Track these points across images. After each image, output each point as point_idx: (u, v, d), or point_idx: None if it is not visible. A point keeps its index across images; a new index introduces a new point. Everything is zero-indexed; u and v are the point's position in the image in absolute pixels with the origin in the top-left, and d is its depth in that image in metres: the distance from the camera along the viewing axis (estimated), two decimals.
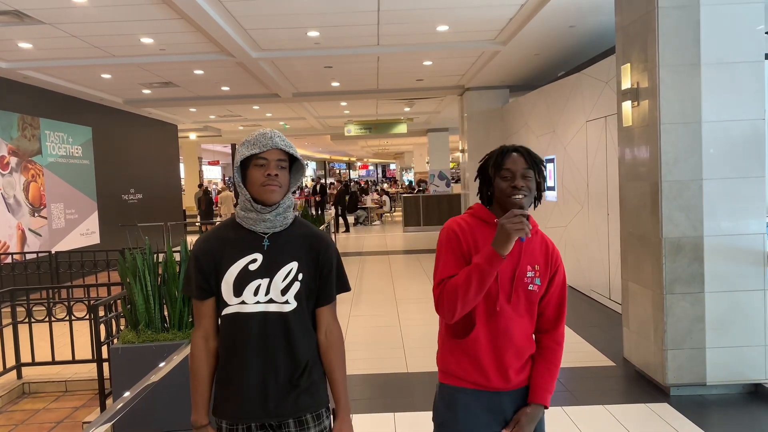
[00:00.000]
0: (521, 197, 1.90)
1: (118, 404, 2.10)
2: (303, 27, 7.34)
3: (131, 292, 4.11)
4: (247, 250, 1.85)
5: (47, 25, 6.75)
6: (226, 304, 1.85)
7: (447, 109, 15.83)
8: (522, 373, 2.02)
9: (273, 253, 1.86)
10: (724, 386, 4.35)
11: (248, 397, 1.84)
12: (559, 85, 8.77)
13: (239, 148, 1.86)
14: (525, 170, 1.92)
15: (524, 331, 2.00)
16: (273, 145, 1.82)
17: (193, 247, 1.93)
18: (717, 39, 4.22)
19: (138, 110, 13.61)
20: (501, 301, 1.95)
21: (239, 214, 1.88)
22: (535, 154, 1.98)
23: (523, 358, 2.01)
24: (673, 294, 4.29)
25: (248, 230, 1.87)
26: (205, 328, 1.89)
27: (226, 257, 1.85)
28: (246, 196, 1.84)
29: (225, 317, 1.86)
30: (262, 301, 1.84)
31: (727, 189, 4.26)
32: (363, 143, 27.90)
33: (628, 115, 4.72)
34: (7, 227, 8.99)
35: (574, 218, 8.16)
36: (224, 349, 1.87)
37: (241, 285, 1.83)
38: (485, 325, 1.96)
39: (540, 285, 1.99)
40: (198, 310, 1.91)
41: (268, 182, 1.81)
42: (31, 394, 5.04)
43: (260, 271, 1.84)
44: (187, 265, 1.93)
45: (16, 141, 9.33)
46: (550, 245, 2.05)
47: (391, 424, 4.03)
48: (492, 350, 1.97)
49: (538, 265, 1.98)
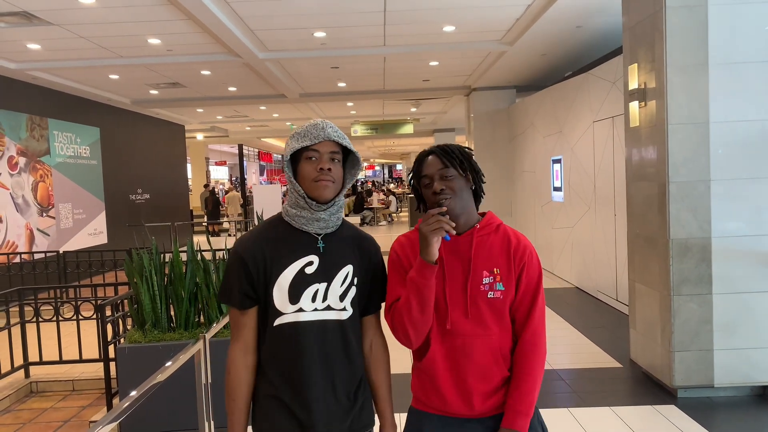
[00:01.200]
0: (445, 200, 1.72)
1: (124, 403, 2.10)
2: (309, 27, 7.35)
3: (138, 292, 4.13)
4: (301, 252, 1.68)
5: (55, 25, 6.79)
6: (279, 313, 1.66)
7: (453, 109, 15.82)
8: (492, 398, 1.75)
9: (329, 255, 1.70)
10: (732, 388, 4.32)
11: (308, 415, 1.66)
12: (565, 86, 8.74)
13: (289, 141, 1.69)
14: (442, 170, 1.74)
15: (490, 349, 1.74)
16: (325, 136, 1.66)
17: (235, 249, 1.70)
18: (725, 39, 4.20)
19: (145, 111, 13.67)
20: (453, 317, 1.73)
21: (289, 212, 1.71)
22: (456, 149, 1.79)
23: (492, 381, 1.74)
24: (680, 295, 4.27)
25: (299, 230, 1.70)
26: (246, 341, 1.69)
27: (278, 260, 1.66)
28: (299, 192, 1.66)
29: (278, 327, 1.67)
30: (319, 308, 1.68)
31: (735, 190, 4.23)
32: (369, 143, 27.92)
33: (636, 116, 4.70)
34: (15, 227, 9.04)
35: (581, 219, 8.14)
36: (277, 363, 1.67)
37: (297, 290, 1.66)
38: (440, 345, 1.76)
39: (504, 290, 1.74)
40: (237, 320, 1.69)
41: (321, 177, 1.65)
42: (39, 393, 5.07)
43: (317, 275, 1.68)
44: (227, 270, 1.70)
45: (24, 141, 9.38)
46: (514, 240, 1.79)
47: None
48: (450, 372, 1.75)
49: (497, 268, 1.75)
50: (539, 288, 1.79)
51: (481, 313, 1.73)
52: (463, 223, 1.78)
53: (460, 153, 1.78)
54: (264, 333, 1.69)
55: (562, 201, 8.89)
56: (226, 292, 1.71)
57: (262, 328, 1.70)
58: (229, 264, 1.70)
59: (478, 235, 1.78)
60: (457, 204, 1.74)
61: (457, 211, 1.75)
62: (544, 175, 9.72)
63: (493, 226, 1.81)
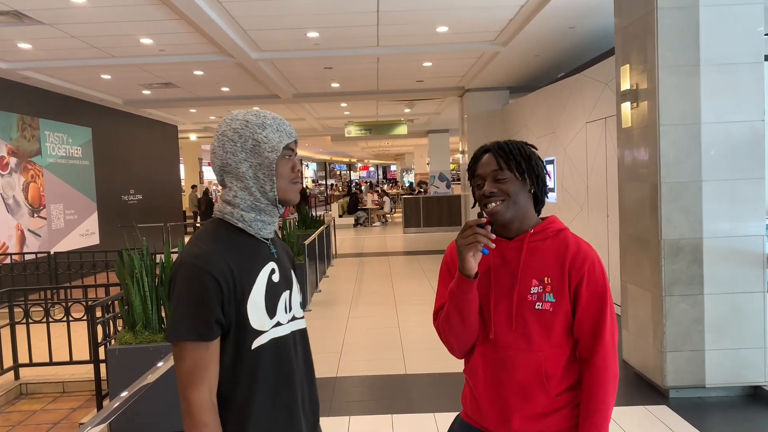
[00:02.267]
0: (494, 205, 1.60)
1: (114, 404, 2.09)
2: (302, 28, 7.34)
3: (128, 293, 4.10)
4: (262, 260, 1.49)
5: (46, 25, 6.75)
6: (257, 333, 1.42)
7: (447, 110, 15.83)
8: (536, 424, 1.59)
9: (280, 260, 1.55)
10: (724, 389, 4.33)
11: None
12: (559, 87, 8.76)
13: (260, 132, 1.46)
14: (496, 172, 1.62)
15: (535, 367, 1.58)
16: (295, 134, 1.53)
17: (196, 265, 1.37)
18: (716, 40, 4.21)
19: (138, 111, 13.61)
20: (497, 327, 1.62)
21: (245, 217, 1.47)
22: (515, 148, 1.66)
23: (534, 404, 1.58)
24: (672, 296, 4.28)
25: (252, 237, 1.49)
26: (212, 380, 1.38)
27: (245, 272, 1.43)
28: (271, 194, 1.47)
29: (259, 349, 1.43)
30: (289, 319, 1.52)
31: (726, 190, 4.24)
32: (363, 144, 27.91)
33: (627, 117, 4.71)
34: (6, 228, 8.98)
35: (574, 220, 8.15)
36: (262, 392, 1.43)
37: (273, 303, 1.47)
38: (482, 355, 1.66)
39: (555, 302, 1.58)
40: (203, 356, 1.36)
41: (298, 179, 1.52)
42: (29, 395, 5.03)
43: (281, 282, 1.52)
44: (189, 296, 1.36)
45: (15, 141, 9.32)
46: (574, 248, 1.62)
47: (389, 425, 4.02)
48: (489, 384, 1.64)
49: (548, 277, 1.59)
50: (605, 304, 1.59)
51: (527, 325, 1.59)
52: (517, 227, 1.66)
53: (519, 153, 1.65)
54: (237, 362, 1.41)
55: (555, 202, 8.90)
56: (190, 325, 1.35)
57: (233, 358, 1.42)
58: (191, 287, 1.36)
59: (530, 241, 1.64)
60: (509, 210, 1.61)
61: (509, 217, 1.62)
62: None
63: (552, 231, 1.66)
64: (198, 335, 1.35)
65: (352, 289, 8.86)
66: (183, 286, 1.37)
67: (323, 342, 5.96)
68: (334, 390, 4.74)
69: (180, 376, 1.37)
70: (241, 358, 1.42)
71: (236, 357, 1.42)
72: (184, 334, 1.35)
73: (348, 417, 4.20)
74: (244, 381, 1.42)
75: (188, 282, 1.37)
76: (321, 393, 4.58)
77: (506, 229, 1.67)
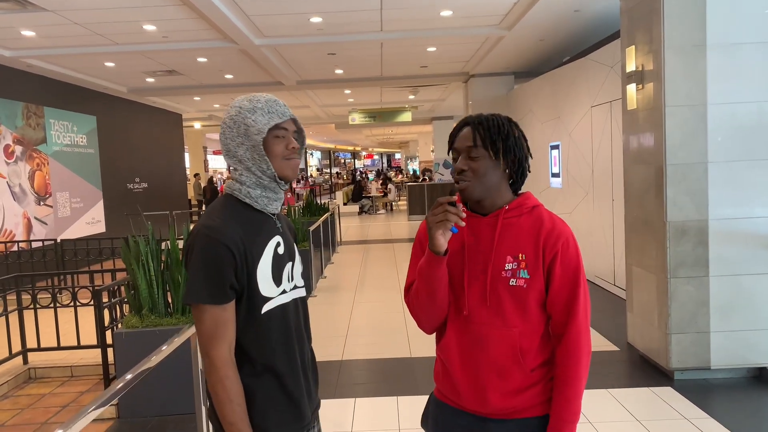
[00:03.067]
0: (463, 183, 1.59)
1: (117, 384, 2.10)
2: (305, 13, 7.30)
3: (134, 278, 4.13)
4: (269, 233, 1.63)
5: (49, 12, 6.73)
6: (266, 299, 1.58)
7: (452, 96, 15.76)
8: (512, 400, 1.60)
9: (285, 233, 1.71)
10: (729, 370, 4.34)
11: (301, 400, 1.64)
12: (564, 71, 8.70)
13: (250, 116, 1.58)
14: (470, 149, 1.59)
15: (509, 344, 1.58)
16: (289, 114, 1.64)
17: (211, 236, 1.51)
18: (723, 20, 4.17)
19: (142, 99, 13.61)
20: (470, 303, 1.60)
21: (251, 193, 1.61)
22: (494, 125, 1.62)
23: (510, 380, 1.59)
24: (677, 278, 4.27)
25: (259, 211, 1.64)
26: (230, 339, 1.54)
27: (254, 244, 1.57)
28: (269, 172, 1.59)
29: (267, 314, 1.59)
30: (291, 287, 1.68)
31: (732, 172, 4.22)
32: (368, 132, 27.84)
33: (633, 98, 4.68)
34: (12, 216, 9.02)
35: (579, 205, 8.13)
36: (267, 352, 1.59)
37: (278, 273, 1.62)
38: (456, 331, 1.64)
39: (528, 278, 1.57)
40: (221, 318, 1.51)
41: (292, 155, 1.63)
42: (37, 379, 5.08)
43: (285, 254, 1.67)
44: (206, 263, 1.51)
45: (20, 130, 9.34)
46: (548, 225, 1.61)
47: (395, 407, 4.05)
48: (464, 362, 1.63)
49: (523, 254, 1.58)
50: (578, 281, 1.59)
51: (501, 301, 1.57)
52: (490, 205, 1.64)
53: (498, 131, 1.61)
54: (249, 324, 1.57)
55: (560, 187, 8.87)
56: (206, 289, 1.50)
57: (246, 320, 1.57)
58: (207, 255, 1.50)
59: (505, 217, 1.62)
60: (476, 188, 1.59)
61: (477, 195, 1.61)
62: (542, 162, 9.70)
63: (527, 207, 1.64)
64: (215, 298, 1.50)
65: (357, 274, 8.88)
66: (199, 255, 1.52)
67: (329, 326, 5.97)
68: (340, 373, 4.77)
69: (201, 336, 1.53)
70: (252, 322, 1.58)
71: (248, 320, 1.57)
72: (202, 297, 1.50)
73: (354, 399, 4.23)
74: (256, 341, 1.58)
75: (204, 251, 1.51)
76: (327, 376, 4.64)
77: (480, 205, 1.65)
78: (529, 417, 1.61)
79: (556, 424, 1.57)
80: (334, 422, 3.83)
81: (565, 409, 1.57)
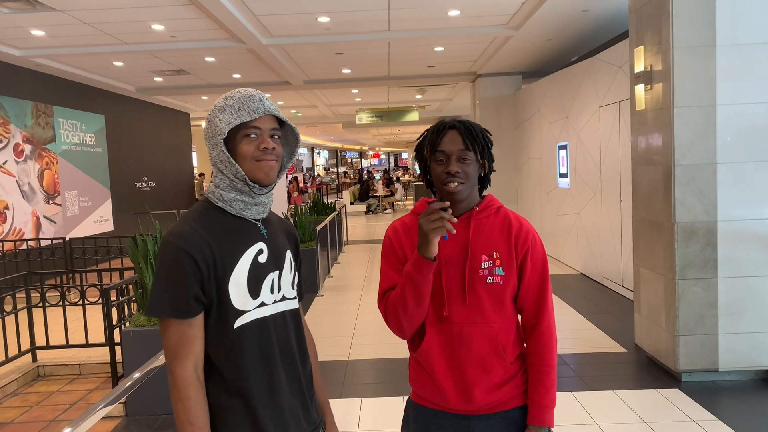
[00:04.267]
0: (456, 185, 1.63)
1: (125, 383, 2.12)
2: (313, 12, 7.31)
3: (142, 276, 4.15)
4: (248, 240, 1.49)
5: (59, 11, 6.77)
6: (239, 312, 1.44)
7: (459, 96, 15.74)
8: (495, 394, 1.66)
9: (272, 240, 1.55)
10: (737, 372, 4.31)
11: (283, 422, 1.49)
12: (572, 71, 8.67)
13: (218, 115, 1.47)
14: (462, 152, 1.63)
15: (490, 339, 1.64)
16: (265, 110, 1.47)
17: (174, 244, 1.40)
18: (732, 20, 4.14)
19: (150, 98, 13.67)
20: (451, 304, 1.65)
21: (224, 196, 1.48)
22: (479, 129, 1.68)
23: (492, 374, 1.65)
24: (685, 279, 4.25)
25: (237, 217, 1.50)
26: (197, 356, 1.41)
27: (227, 252, 1.44)
28: (238, 175, 1.46)
29: (241, 329, 1.45)
30: (277, 299, 1.53)
31: (741, 173, 4.19)
32: (375, 131, 27.84)
33: (641, 99, 4.66)
34: (22, 214, 9.09)
35: (587, 205, 8.10)
36: (239, 369, 1.45)
37: (256, 283, 1.47)
38: (436, 334, 1.67)
39: (504, 275, 1.64)
40: (185, 333, 1.39)
41: (265, 157, 1.46)
42: (46, 377, 5.12)
43: (269, 263, 1.52)
44: (165, 273, 1.40)
45: (30, 129, 9.41)
46: (516, 224, 1.69)
47: (401, 407, 4.05)
48: (447, 362, 1.66)
49: (497, 252, 1.65)
50: (546, 274, 1.69)
51: (480, 300, 1.63)
52: (465, 207, 1.70)
53: (481, 135, 1.67)
54: (219, 340, 1.44)
55: (568, 187, 8.85)
56: (168, 302, 1.38)
57: (215, 335, 1.44)
58: (169, 264, 1.39)
59: (476, 218, 1.69)
60: (465, 190, 1.65)
61: (463, 197, 1.66)
62: (550, 162, 9.68)
63: (493, 208, 1.72)
64: (177, 312, 1.38)
65: (363, 274, 8.89)
66: (162, 263, 1.41)
67: (335, 326, 5.97)
68: (346, 373, 4.77)
69: (166, 351, 1.41)
70: (223, 337, 1.44)
71: (219, 335, 1.44)
72: (162, 310, 1.39)
73: (360, 399, 4.23)
74: (226, 359, 1.44)
75: (166, 259, 1.40)
76: (333, 375, 4.64)
77: (455, 207, 1.68)
78: (509, 409, 1.68)
79: (537, 411, 1.65)
80: (340, 422, 3.84)
81: (545, 396, 1.66)
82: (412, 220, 1.74)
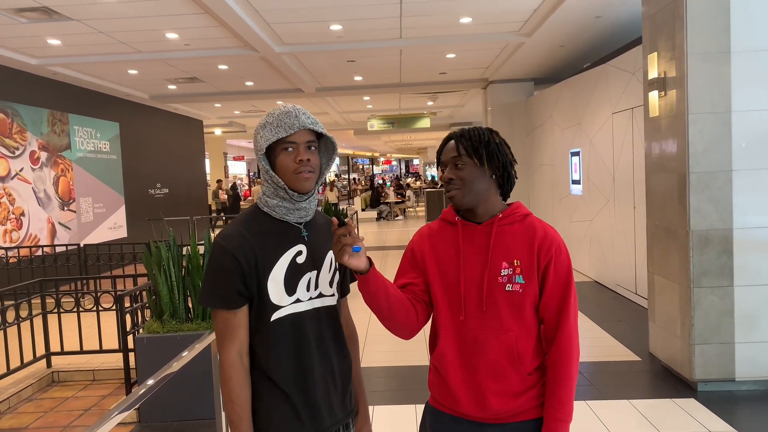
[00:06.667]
0: (452, 191, 1.67)
1: (140, 390, 2.12)
2: (326, 21, 7.35)
3: (156, 283, 4.17)
4: (289, 242, 1.65)
5: (75, 21, 6.86)
6: (276, 307, 1.60)
7: (470, 102, 15.72)
8: (510, 403, 1.64)
9: (313, 243, 1.69)
10: (754, 382, 4.25)
11: (316, 408, 1.63)
12: (584, 77, 8.64)
13: (260, 131, 1.63)
14: (455, 158, 1.67)
15: (506, 347, 1.63)
16: (300, 125, 1.60)
17: (222, 246, 1.60)
18: (748, 26, 4.11)
19: (164, 106, 13.79)
20: (467, 310, 1.65)
21: (269, 202, 1.65)
22: (475, 135, 1.68)
23: (508, 383, 1.64)
24: (700, 287, 4.21)
25: (281, 221, 1.66)
26: (241, 342, 1.60)
27: (268, 253, 1.61)
28: (279, 184, 1.61)
29: (277, 321, 1.61)
30: (313, 296, 1.67)
31: (757, 180, 4.15)
32: (386, 138, 27.89)
33: (655, 106, 4.63)
34: (37, 221, 9.19)
35: (600, 212, 8.05)
36: (276, 359, 1.61)
37: (293, 281, 1.63)
38: (452, 338, 1.68)
39: (524, 283, 1.63)
40: (230, 321, 1.59)
41: (301, 169, 1.60)
42: (60, 383, 5.15)
43: (308, 264, 1.66)
44: (213, 270, 1.60)
45: (46, 136, 9.52)
46: (541, 232, 1.67)
47: (413, 415, 4.03)
48: (461, 368, 1.66)
49: (518, 260, 1.64)
50: (570, 286, 1.66)
51: (497, 307, 1.63)
52: (483, 212, 1.70)
53: (478, 139, 1.67)
54: (258, 330, 1.62)
55: (581, 194, 8.80)
56: (215, 294, 1.59)
57: (255, 326, 1.62)
58: (216, 263, 1.59)
59: (499, 225, 1.68)
60: (465, 195, 1.66)
61: (466, 203, 1.67)
62: (563, 168, 9.63)
63: (519, 215, 1.70)
64: (223, 302, 1.58)
65: None
66: (211, 262, 1.61)
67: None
68: None
69: (216, 336, 1.63)
70: (261, 328, 1.61)
71: (259, 326, 1.62)
72: (211, 300, 1.60)
73: (372, 407, 4.22)
74: (263, 349, 1.62)
75: (215, 258, 1.60)
76: None
77: (473, 213, 1.71)
78: (525, 420, 1.66)
79: (552, 424, 1.62)
80: None
81: (559, 410, 1.62)
82: (439, 225, 1.78)
